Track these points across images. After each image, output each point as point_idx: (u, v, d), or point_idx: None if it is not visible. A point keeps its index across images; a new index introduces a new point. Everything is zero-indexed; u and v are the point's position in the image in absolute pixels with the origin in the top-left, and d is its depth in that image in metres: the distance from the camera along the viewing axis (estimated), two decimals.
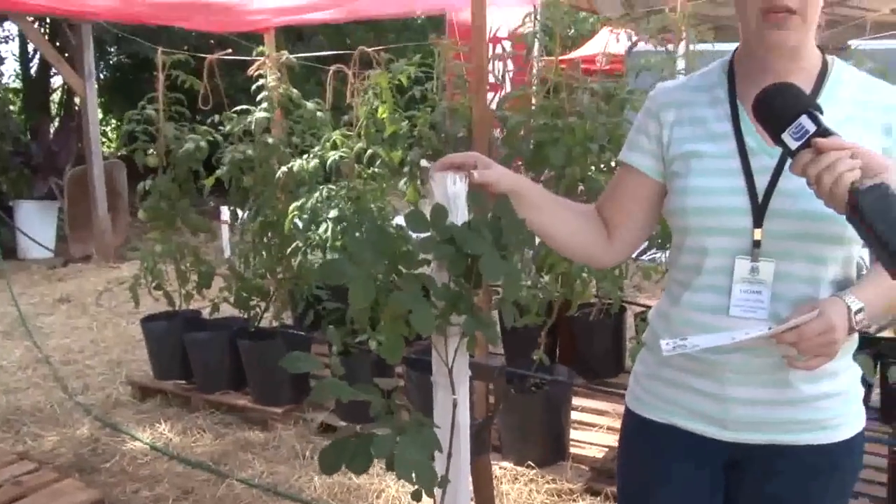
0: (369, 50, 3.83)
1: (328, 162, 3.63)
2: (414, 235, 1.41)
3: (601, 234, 1.58)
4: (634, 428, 1.59)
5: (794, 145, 1.22)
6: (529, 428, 3.37)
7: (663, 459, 1.51)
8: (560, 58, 3.43)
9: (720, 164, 1.41)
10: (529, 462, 3.34)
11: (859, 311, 1.31)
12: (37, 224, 8.56)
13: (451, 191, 1.40)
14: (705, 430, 1.46)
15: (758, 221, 1.37)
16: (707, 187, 1.41)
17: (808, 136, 1.21)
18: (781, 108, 1.25)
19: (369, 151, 3.54)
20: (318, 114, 4.03)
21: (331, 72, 4.44)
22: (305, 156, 3.76)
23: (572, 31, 15.75)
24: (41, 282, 7.59)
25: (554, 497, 3.23)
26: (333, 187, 3.61)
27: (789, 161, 1.25)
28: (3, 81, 13.53)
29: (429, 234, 1.37)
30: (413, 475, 1.20)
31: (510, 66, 5.91)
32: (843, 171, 1.17)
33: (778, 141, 1.25)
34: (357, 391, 1.29)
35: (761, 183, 1.37)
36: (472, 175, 1.42)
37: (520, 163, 3.33)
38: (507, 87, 4.94)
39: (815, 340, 1.28)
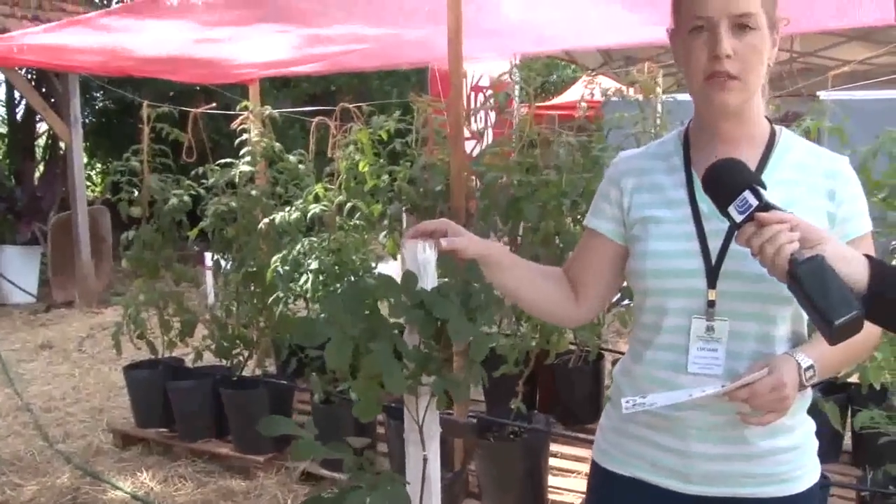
0: (350, 106, 3.94)
1: (309, 214, 3.71)
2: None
3: (567, 296, 1.66)
4: (600, 480, 1.64)
5: (738, 218, 1.30)
6: (508, 476, 3.41)
7: None
8: (540, 104, 3.55)
9: (676, 228, 1.48)
10: None
11: (809, 367, 1.38)
12: (19, 269, 8.57)
13: (420, 258, 1.49)
14: (669, 484, 1.52)
15: (712, 283, 1.44)
16: (664, 251, 1.48)
17: (751, 210, 1.29)
18: (727, 184, 1.33)
19: (350, 204, 3.63)
20: (300, 166, 4.13)
21: (313, 124, 4.55)
22: (288, 207, 3.84)
23: (554, 77, 16.06)
24: (23, 327, 7.58)
25: None
26: (315, 239, 3.69)
27: (736, 232, 1.34)
28: None
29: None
30: None
31: (492, 117, 6.05)
32: (783, 243, 1.24)
33: (725, 214, 1.34)
34: (331, 450, 1.35)
35: (714, 246, 1.44)
36: (440, 243, 1.50)
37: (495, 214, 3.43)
38: (490, 137, 5.05)
39: (766, 397, 1.35)
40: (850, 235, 1.45)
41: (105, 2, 12.49)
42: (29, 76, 9.63)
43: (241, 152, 4.12)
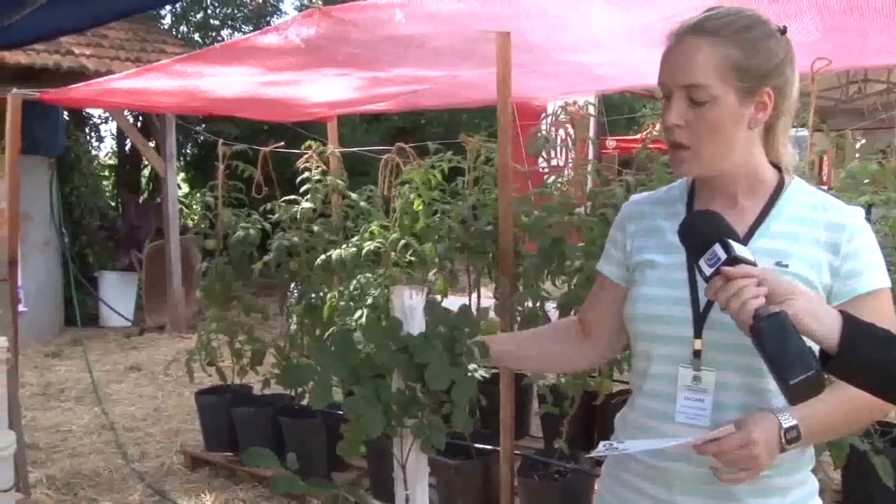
0: (406, 146, 4.07)
1: (364, 251, 3.83)
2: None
3: (573, 345, 1.70)
4: None
5: (707, 272, 1.30)
6: None
7: None
8: (624, 139, 3.60)
9: (669, 274, 1.48)
10: None
11: (792, 428, 1.33)
12: (118, 294, 9.09)
13: (407, 304, 1.55)
14: None
15: (698, 332, 1.43)
16: (654, 296, 1.48)
17: (719, 263, 1.28)
18: (698, 237, 1.33)
19: (402, 242, 3.74)
20: (362, 203, 4.27)
21: (382, 161, 4.70)
22: (345, 244, 3.98)
23: (647, 109, 15.91)
24: (116, 349, 8.02)
25: None
26: (370, 275, 3.81)
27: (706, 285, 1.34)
28: (101, 158, 14.47)
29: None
30: None
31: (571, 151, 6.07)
32: (747, 298, 1.23)
33: (697, 266, 1.34)
34: (310, 486, 1.43)
35: (704, 294, 1.41)
36: None
37: None
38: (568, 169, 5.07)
39: (734, 454, 1.31)
40: (859, 290, 1.41)
41: (208, 41, 13.19)
42: (134, 115, 10.26)
43: (301, 189, 4.30)
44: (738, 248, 1.30)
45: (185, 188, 14.17)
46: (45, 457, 5.03)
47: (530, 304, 3.38)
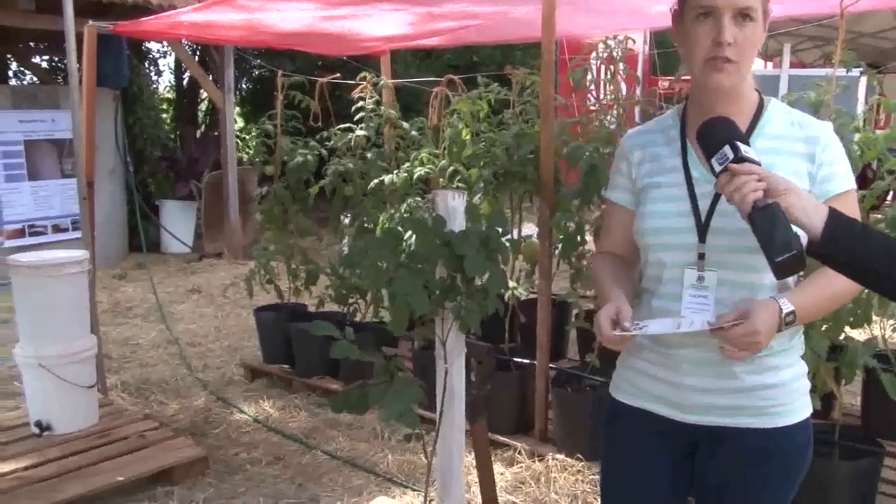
0: (456, 78, 4.27)
1: (415, 177, 4.08)
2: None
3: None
4: (612, 410, 1.89)
5: (717, 168, 1.54)
6: (580, 424, 3.70)
7: (635, 438, 1.81)
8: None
9: (671, 192, 1.72)
10: (578, 454, 3.66)
11: (790, 313, 1.58)
12: (178, 222, 9.51)
13: (451, 205, 1.80)
14: (666, 412, 1.75)
15: (702, 238, 1.67)
16: (660, 211, 1.72)
17: (727, 161, 1.52)
18: (712, 138, 1.57)
19: (451, 168, 3.97)
20: (413, 133, 4.51)
21: (433, 93, 4.92)
22: (397, 170, 4.23)
23: None
24: (177, 273, 8.46)
25: (596, 487, 3.54)
26: (419, 199, 4.06)
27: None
28: (160, 92, 14.88)
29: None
30: (398, 418, 1.60)
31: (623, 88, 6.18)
32: (747, 191, 1.47)
33: (710, 164, 1.57)
34: (365, 355, 1.70)
35: (704, 206, 1.67)
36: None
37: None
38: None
39: (740, 340, 1.56)
40: (832, 193, 1.65)
41: None
42: (194, 48, 10.54)
43: (356, 118, 4.54)
44: (744, 149, 1.54)
45: (241, 123, 14.52)
46: (117, 365, 5.46)
47: (573, 226, 3.59)
